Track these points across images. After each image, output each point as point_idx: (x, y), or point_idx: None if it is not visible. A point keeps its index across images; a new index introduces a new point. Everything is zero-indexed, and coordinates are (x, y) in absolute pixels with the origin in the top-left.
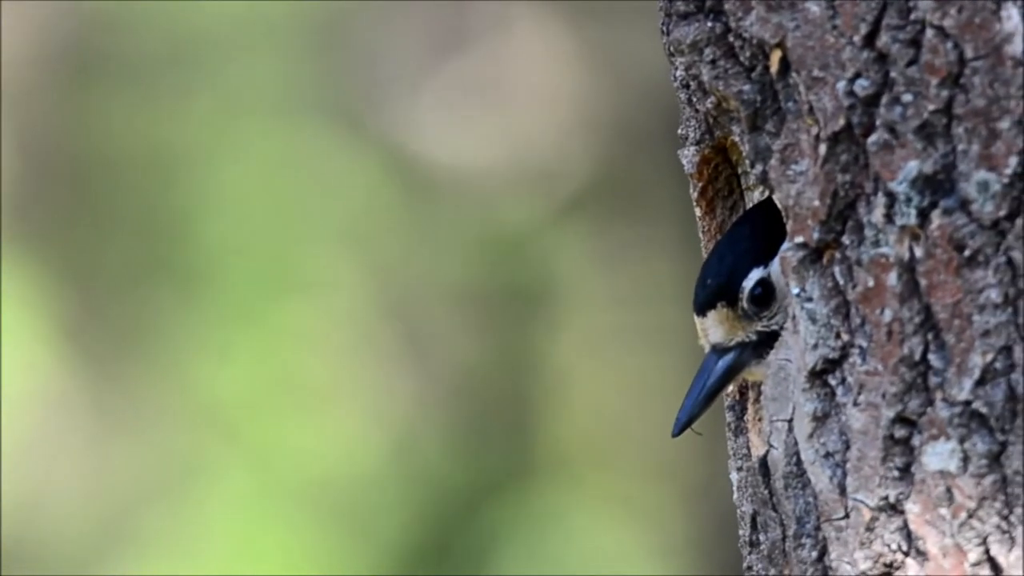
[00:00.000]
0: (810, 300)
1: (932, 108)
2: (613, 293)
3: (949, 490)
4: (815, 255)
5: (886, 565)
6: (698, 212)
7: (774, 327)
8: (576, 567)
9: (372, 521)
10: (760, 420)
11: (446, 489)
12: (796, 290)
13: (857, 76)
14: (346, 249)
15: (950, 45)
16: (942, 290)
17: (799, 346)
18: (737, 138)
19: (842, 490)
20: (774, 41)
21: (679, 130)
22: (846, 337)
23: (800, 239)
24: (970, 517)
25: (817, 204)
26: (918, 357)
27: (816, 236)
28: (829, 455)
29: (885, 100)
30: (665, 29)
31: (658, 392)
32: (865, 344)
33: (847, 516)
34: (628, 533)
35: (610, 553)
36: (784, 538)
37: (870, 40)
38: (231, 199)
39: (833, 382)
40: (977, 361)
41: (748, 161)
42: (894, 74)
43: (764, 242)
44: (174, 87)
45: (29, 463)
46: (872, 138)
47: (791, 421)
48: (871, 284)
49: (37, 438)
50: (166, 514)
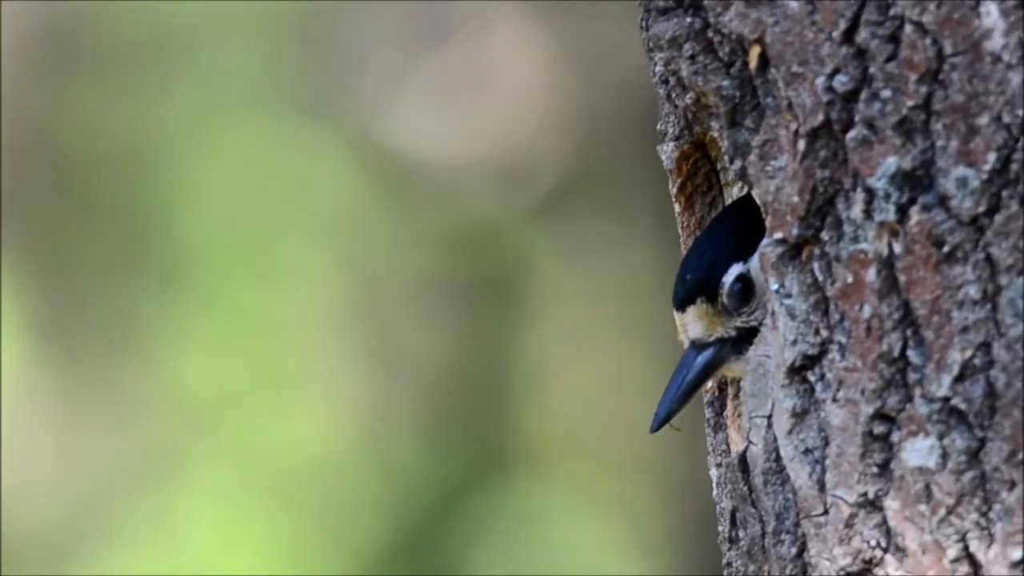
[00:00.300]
0: (789, 296)
1: (911, 104)
2: (590, 287)
3: (928, 486)
4: (794, 251)
5: (865, 561)
6: (677, 208)
7: (753, 323)
8: (553, 564)
9: (347, 515)
10: (739, 416)
11: (422, 484)
12: (775, 286)
13: (836, 72)
14: (323, 242)
15: (929, 41)
16: (921, 286)
17: (778, 342)
18: (716, 134)
19: (821, 486)
20: (753, 37)
21: (658, 126)
22: (825, 333)
23: (779, 235)
24: (949, 513)
25: (796, 200)
26: (897, 353)
27: (795, 232)
28: (808, 451)
29: (864, 96)
30: (644, 24)
31: (636, 387)
32: (844, 340)
33: (826, 512)
34: (606, 530)
35: (588, 550)
36: (763, 534)
37: (849, 36)
38: (208, 192)
39: (812, 378)
40: (956, 357)
41: (727, 157)
42: (873, 70)
43: (744, 238)
44: (153, 80)
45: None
46: (851, 134)
47: (770, 417)
48: (850, 280)
49: (11, 431)
50: (142, 506)
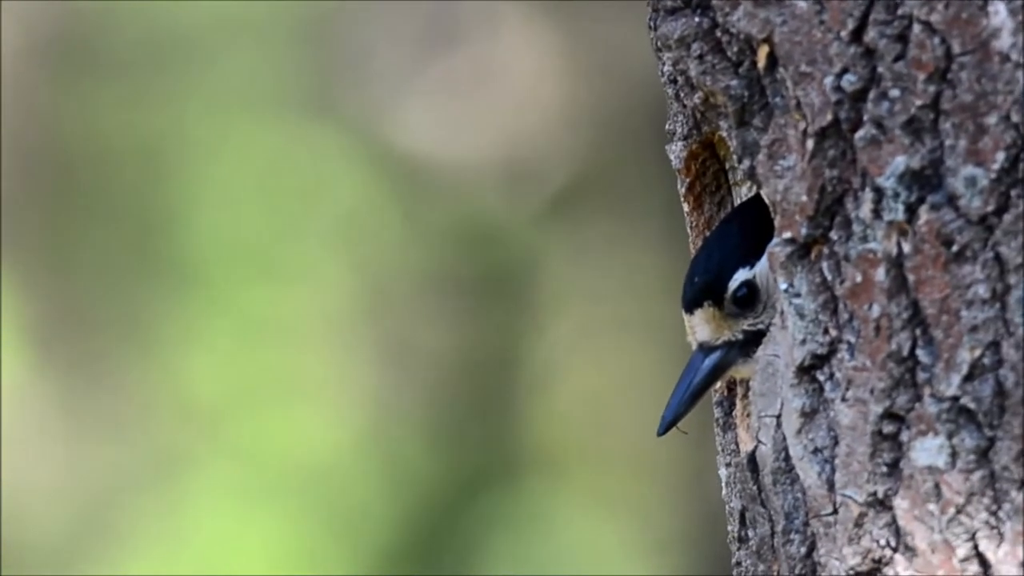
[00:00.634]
0: (798, 296)
1: (919, 103)
2: (598, 287)
3: (937, 486)
4: (803, 251)
5: (874, 561)
6: (686, 208)
7: (760, 326)
8: (561, 564)
9: (355, 517)
10: (748, 416)
11: (429, 485)
12: (784, 286)
13: (844, 71)
14: (331, 243)
15: (937, 40)
16: (930, 285)
17: (787, 342)
18: (725, 133)
19: (830, 486)
20: (761, 36)
21: (667, 125)
22: (834, 333)
23: (788, 235)
24: (958, 513)
25: (805, 199)
26: (906, 353)
27: (804, 232)
28: (817, 451)
29: (872, 95)
30: (653, 24)
31: (644, 387)
32: (853, 340)
33: (835, 512)
34: (615, 530)
35: (596, 550)
36: (773, 534)
37: (857, 35)
38: (216, 193)
39: (821, 378)
40: (965, 356)
41: (736, 156)
42: (881, 69)
43: (752, 239)
44: (161, 82)
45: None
46: (859, 133)
47: (779, 417)
48: (859, 280)
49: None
50: (149, 508)
